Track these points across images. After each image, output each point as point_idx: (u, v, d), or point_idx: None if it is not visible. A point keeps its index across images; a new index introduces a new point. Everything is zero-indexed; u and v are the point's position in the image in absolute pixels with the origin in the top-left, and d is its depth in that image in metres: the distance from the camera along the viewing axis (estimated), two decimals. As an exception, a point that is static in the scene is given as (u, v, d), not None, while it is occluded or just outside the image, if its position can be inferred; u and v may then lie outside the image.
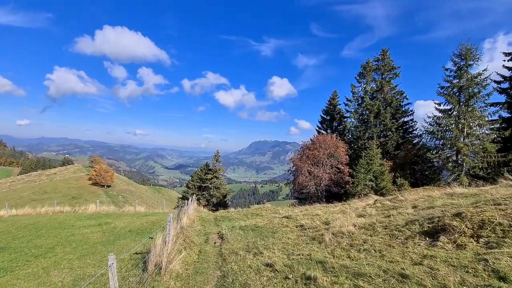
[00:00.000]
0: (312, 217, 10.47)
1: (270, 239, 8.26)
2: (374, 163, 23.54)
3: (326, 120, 40.85)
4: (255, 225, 10.51)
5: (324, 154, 26.79)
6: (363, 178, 22.87)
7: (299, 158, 28.39)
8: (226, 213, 17.02)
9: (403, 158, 27.96)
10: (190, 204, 16.17)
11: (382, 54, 34.14)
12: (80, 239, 12.34)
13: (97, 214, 20.66)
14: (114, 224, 15.87)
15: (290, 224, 10.22)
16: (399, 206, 9.57)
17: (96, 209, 23.48)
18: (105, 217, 18.67)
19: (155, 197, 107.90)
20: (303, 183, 26.47)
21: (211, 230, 10.53)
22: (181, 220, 11.36)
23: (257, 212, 15.34)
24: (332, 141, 27.52)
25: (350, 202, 15.19)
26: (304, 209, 15.09)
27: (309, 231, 8.60)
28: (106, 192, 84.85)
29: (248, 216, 14.28)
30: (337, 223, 8.28)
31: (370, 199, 14.32)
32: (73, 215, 20.34)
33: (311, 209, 14.29)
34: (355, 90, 35.08)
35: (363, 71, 33.98)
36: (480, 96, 23.54)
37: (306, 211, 13.98)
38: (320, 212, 11.11)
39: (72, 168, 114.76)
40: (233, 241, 8.42)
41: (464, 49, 24.37)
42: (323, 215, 10.48)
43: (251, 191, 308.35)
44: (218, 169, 51.16)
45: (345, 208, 11.81)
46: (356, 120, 33.91)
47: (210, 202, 49.12)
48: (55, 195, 74.12)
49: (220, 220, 13.68)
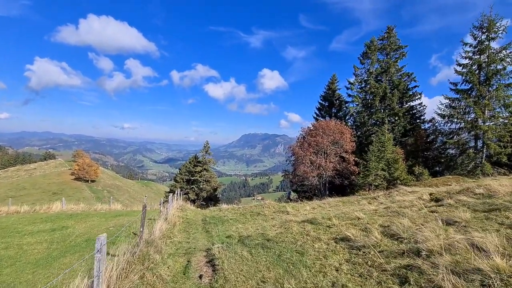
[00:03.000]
0: (351, 221, 7.07)
1: (302, 273, 4.54)
2: (386, 150, 20.59)
3: (325, 106, 37.75)
4: (263, 235, 7.10)
5: (327, 141, 23.66)
6: (375, 167, 19.91)
7: (299, 146, 25.16)
8: (218, 211, 13.67)
9: (414, 145, 25.18)
10: (172, 201, 12.71)
11: (388, 32, 31.01)
12: (12, 255, 8.77)
13: (60, 214, 16.91)
14: (73, 229, 12.32)
15: (321, 234, 6.49)
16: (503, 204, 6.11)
17: (62, 208, 19.69)
18: (66, 219, 15.02)
19: (143, 191, 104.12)
20: (305, 174, 23.33)
21: (196, 244, 7.11)
22: (154, 226, 7.97)
23: (258, 210, 12.06)
24: (337, 126, 24.40)
25: (376, 195, 12.02)
26: (317, 205, 11.92)
27: (372, 254, 4.74)
28: (90, 187, 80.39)
29: (247, 216, 11.00)
30: (432, 242, 4.45)
31: (399, 191, 11.23)
32: (29, 217, 16.52)
33: (328, 205, 11.10)
34: (358, 72, 31.94)
35: (367, 50, 30.80)
36: (504, 74, 20.77)
37: (321, 208, 10.80)
38: (356, 212, 7.77)
39: (54, 162, 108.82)
40: (234, 275, 4.70)
41: (486, 20, 21.44)
42: (368, 218, 7.09)
43: (241, 184, 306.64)
44: (208, 161, 47.54)
45: (389, 204, 8.53)
46: (359, 105, 30.87)
47: (200, 196, 45.65)
48: (34, 191, 69.24)
49: (211, 222, 10.32)
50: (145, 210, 6.10)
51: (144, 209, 6.05)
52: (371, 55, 30.53)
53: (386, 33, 31.08)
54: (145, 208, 6.07)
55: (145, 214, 6.11)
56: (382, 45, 31.05)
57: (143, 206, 6.07)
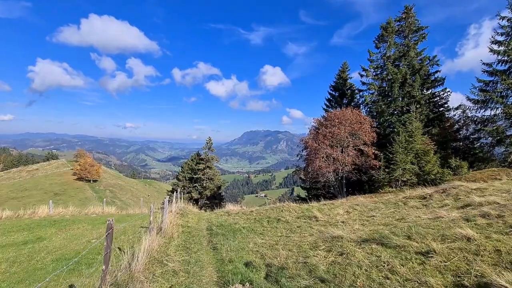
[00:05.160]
0: (456, 243, 4.32)
1: None
2: (415, 140, 18.00)
3: (335, 96, 35.13)
4: (305, 265, 4.57)
5: (345, 132, 21.09)
6: (402, 160, 17.35)
7: (312, 138, 22.58)
8: (226, 216, 11.24)
9: (443, 135, 22.50)
10: (170, 205, 10.32)
11: (406, 12, 28.20)
12: None
13: (44, 220, 14.61)
14: (49, 241, 10.01)
15: (423, 275, 3.78)
16: None
17: (49, 212, 17.42)
18: (48, 227, 12.72)
19: (146, 190, 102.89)
20: (320, 170, 20.81)
21: (200, 277, 4.69)
22: (141, 242, 5.59)
23: (276, 214, 9.61)
24: (354, 115, 21.78)
25: (421, 193, 9.41)
26: (348, 207, 9.39)
27: None
28: (92, 187, 78.86)
29: (263, 223, 8.57)
30: None
31: (458, 188, 8.69)
32: (8, 223, 14.18)
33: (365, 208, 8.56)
34: (373, 57, 29.18)
35: (383, 33, 28.01)
36: (550, 50, 18.08)
37: (359, 213, 8.32)
38: (440, 223, 5.07)
39: (56, 163, 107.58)
40: None
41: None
42: (484, 238, 4.37)
43: (244, 181, 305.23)
44: (211, 158, 45.20)
45: (479, 209, 5.71)
46: (375, 92, 28.17)
47: (203, 195, 43.42)
48: (36, 192, 67.83)
49: (219, 233, 7.87)
50: (111, 232, 3.63)
51: (110, 231, 3.55)
52: (388, 37, 27.76)
53: (404, 13, 28.28)
54: (110, 230, 3.59)
55: (111, 239, 3.68)
56: (400, 27, 28.30)
57: (107, 227, 3.61)
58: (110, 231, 3.60)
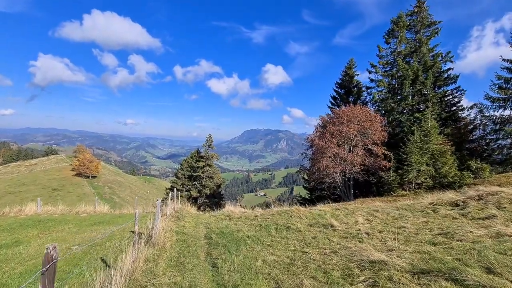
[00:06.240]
0: None
1: None
2: (430, 140, 16.74)
3: (341, 94, 33.81)
4: None
5: (354, 130, 19.82)
6: (418, 161, 16.10)
7: (319, 136, 21.32)
8: (227, 220, 10.00)
9: (457, 135, 21.21)
10: (164, 206, 9.09)
11: (418, 6, 26.84)
12: None
13: (29, 220, 13.43)
14: (25, 246, 8.81)
15: None
16: None
17: (37, 211, 16.25)
18: (31, 228, 11.54)
19: (145, 187, 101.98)
20: (326, 170, 19.57)
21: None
22: (124, 256, 4.39)
23: (284, 220, 8.38)
24: (364, 113, 20.51)
25: (454, 199, 8.15)
26: (366, 213, 8.16)
27: None
28: (91, 183, 77.94)
29: (271, 232, 7.37)
30: None
31: (498, 195, 7.47)
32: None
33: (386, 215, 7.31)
34: (382, 52, 27.87)
35: (393, 27, 26.66)
36: None
37: (383, 222, 7.10)
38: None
39: (55, 158, 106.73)
40: None
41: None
42: None
43: (244, 180, 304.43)
44: (211, 156, 43.93)
45: None
46: (385, 89, 26.86)
47: (203, 193, 42.22)
48: (33, 187, 66.98)
49: (219, 244, 6.63)
50: (52, 268, 2.23)
51: (50, 266, 2.16)
52: (399, 32, 26.42)
53: (416, 7, 26.92)
54: (50, 265, 2.18)
55: (53, 278, 2.36)
56: (411, 21, 26.96)
57: (44, 261, 2.23)
58: (51, 266, 2.27)
